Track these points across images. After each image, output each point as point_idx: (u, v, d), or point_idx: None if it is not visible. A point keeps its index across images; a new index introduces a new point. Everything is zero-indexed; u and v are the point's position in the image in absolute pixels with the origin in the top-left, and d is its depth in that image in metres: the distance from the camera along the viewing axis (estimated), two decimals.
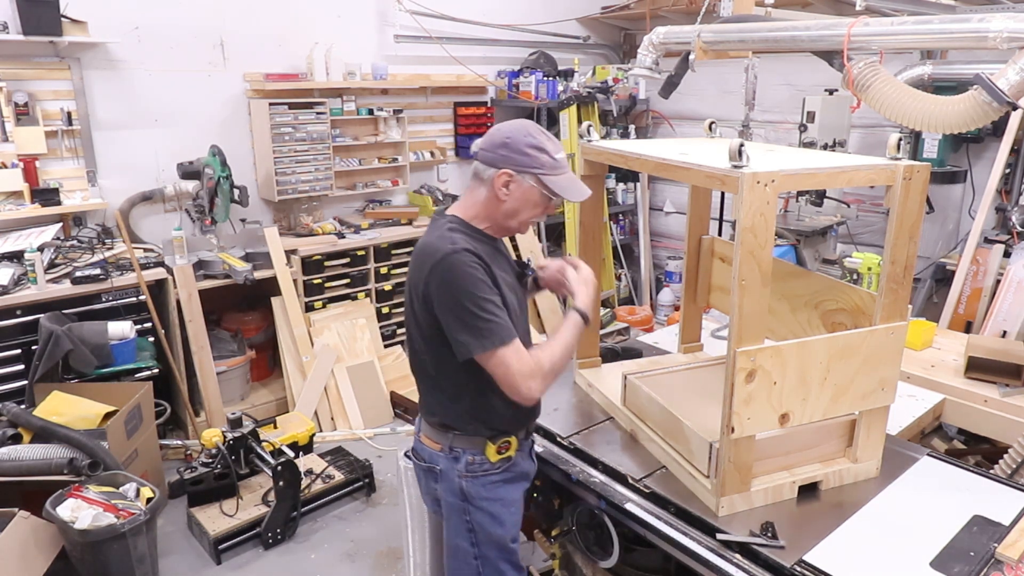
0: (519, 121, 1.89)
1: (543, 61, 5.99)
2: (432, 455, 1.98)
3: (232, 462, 3.40)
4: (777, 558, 1.61)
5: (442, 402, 1.94)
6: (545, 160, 1.81)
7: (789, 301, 2.22)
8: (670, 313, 6.14)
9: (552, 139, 1.86)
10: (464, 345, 1.74)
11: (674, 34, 3.24)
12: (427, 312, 1.81)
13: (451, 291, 1.73)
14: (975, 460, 2.58)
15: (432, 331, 1.83)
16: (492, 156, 1.82)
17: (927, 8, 3.74)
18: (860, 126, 5.04)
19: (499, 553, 1.98)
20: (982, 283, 3.93)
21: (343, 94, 4.92)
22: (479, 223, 1.87)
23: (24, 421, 3.07)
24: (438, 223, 1.88)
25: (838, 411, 1.83)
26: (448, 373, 1.87)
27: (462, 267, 1.73)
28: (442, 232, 1.82)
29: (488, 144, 1.84)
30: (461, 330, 1.74)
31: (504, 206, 1.84)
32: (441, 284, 1.74)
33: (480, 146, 1.85)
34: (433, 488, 2.01)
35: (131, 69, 4.21)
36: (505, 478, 1.96)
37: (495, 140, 1.83)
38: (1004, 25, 2.14)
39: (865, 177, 1.73)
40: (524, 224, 1.90)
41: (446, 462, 1.95)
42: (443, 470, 1.95)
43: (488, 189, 1.84)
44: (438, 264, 1.74)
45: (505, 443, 1.93)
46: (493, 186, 1.82)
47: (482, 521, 1.95)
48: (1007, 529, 1.69)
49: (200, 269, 4.16)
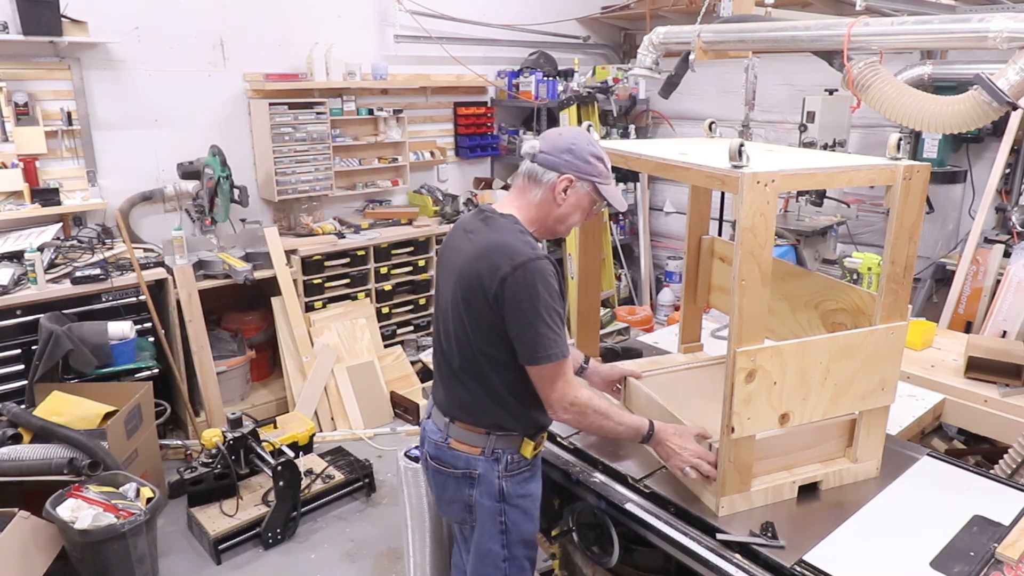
0: (578, 129, 1.95)
1: (543, 61, 5.99)
2: (469, 460, 1.92)
3: (232, 462, 3.40)
4: (777, 558, 1.61)
5: (489, 404, 1.90)
6: (602, 169, 1.87)
7: (789, 301, 2.22)
8: (670, 313, 6.14)
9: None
10: (531, 352, 1.77)
11: (674, 34, 3.24)
12: (492, 311, 1.78)
13: (532, 297, 1.74)
14: (975, 460, 2.58)
15: (495, 331, 1.81)
16: (556, 160, 1.83)
17: (927, 8, 3.74)
18: (860, 126, 5.04)
19: (526, 551, 2.00)
20: (982, 283, 3.93)
21: (343, 94, 4.92)
22: (530, 225, 1.88)
23: (24, 421, 3.07)
24: (499, 222, 1.85)
25: (838, 411, 1.83)
26: (503, 374, 1.86)
27: (545, 275, 1.75)
28: (515, 234, 1.82)
29: (551, 148, 1.84)
30: (532, 337, 1.76)
31: (559, 210, 1.86)
32: (523, 287, 1.74)
33: (540, 149, 1.86)
34: (467, 494, 1.94)
35: (131, 69, 4.22)
36: (534, 473, 2.00)
37: (559, 145, 1.84)
38: (1004, 25, 2.14)
39: (865, 177, 1.73)
40: (569, 229, 1.95)
41: (486, 465, 1.92)
42: (482, 473, 1.92)
43: (545, 192, 1.85)
44: (522, 267, 1.74)
45: (541, 439, 1.97)
46: (553, 189, 1.84)
47: (516, 520, 1.95)
48: (1007, 529, 1.70)
49: (200, 269, 4.16)
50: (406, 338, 5.13)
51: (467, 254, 1.84)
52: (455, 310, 1.87)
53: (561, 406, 1.82)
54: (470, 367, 1.88)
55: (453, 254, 1.92)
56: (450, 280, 1.89)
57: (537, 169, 1.85)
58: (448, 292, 1.90)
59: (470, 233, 1.88)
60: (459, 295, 1.84)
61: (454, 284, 1.86)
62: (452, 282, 1.88)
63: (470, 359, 1.87)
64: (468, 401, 1.92)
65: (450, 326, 1.90)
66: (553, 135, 1.88)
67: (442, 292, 1.97)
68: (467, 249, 1.85)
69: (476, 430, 1.92)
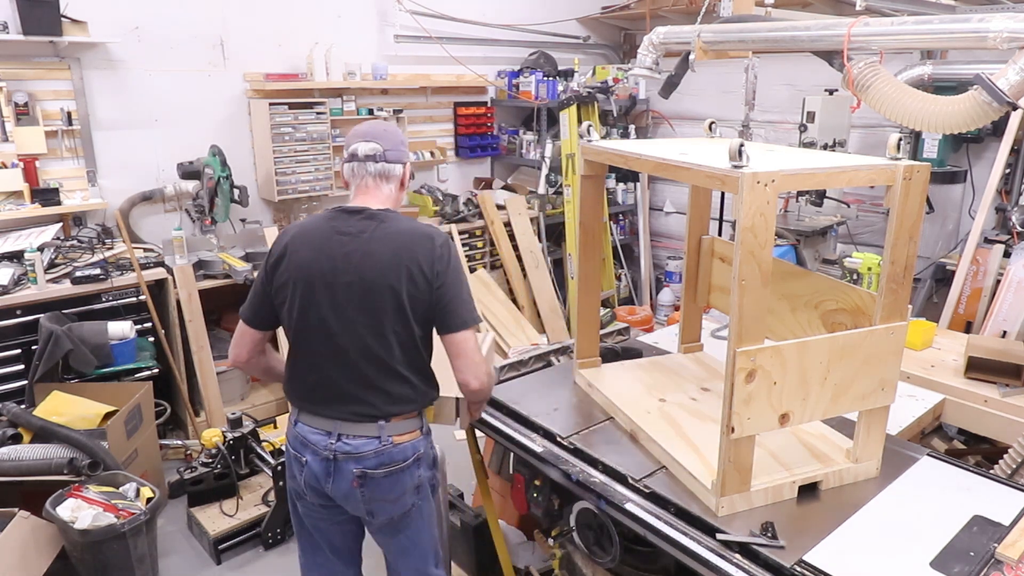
0: (379, 120, 2.15)
1: (543, 61, 5.99)
2: (414, 445, 2.03)
3: (232, 462, 3.41)
4: (777, 558, 1.61)
5: (424, 384, 2.04)
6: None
7: (789, 301, 2.22)
8: (670, 313, 6.14)
9: None
10: (461, 318, 1.94)
11: (674, 34, 3.24)
12: (431, 292, 1.92)
13: (457, 268, 1.97)
14: (975, 460, 2.58)
15: (429, 312, 1.95)
16: (399, 153, 2.04)
17: (927, 8, 3.74)
18: (860, 126, 5.04)
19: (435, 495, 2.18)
20: (982, 283, 3.93)
21: (343, 94, 4.92)
22: None
23: (24, 421, 3.07)
24: (391, 215, 1.99)
25: (838, 411, 1.83)
26: (428, 351, 2.04)
27: (457, 249, 2.00)
28: (413, 222, 2.01)
29: (392, 144, 2.03)
30: (461, 304, 1.95)
31: (402, 194, 2.10)
32: (452, 260, 1.95)
33: (385, 147, 2.01)
34: (418, 475, 2.04)
35: (131, 69, 4.22)
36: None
37: (396, 138, 2.05)
38: (1004, 25, 2.14)
39: (865, 177, 1.73)
40: None
41: (424, 441, 2.07)
42: (423, 450, 2.06)
43: (395, 183, 2.05)
44: (444, 244, 1.95)
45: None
46: (402, 179, 2.07)
47: (434, 473, 2.15)
48: (1007, 529, 1.69)
49: (200, 269, 4.16)
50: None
51: (380, 252, 1.90)
52: (386, 310, 1.90)
53: (484, 368, 1.99)
54: (411, 357, 1.98)
55: (338, 261, 1.91)
56: (352, 286, 1.90)
57: (387, 167, 2.02)
58: (357, 297, 1.90)
59: (360, 234, 1.93)
60: (393, 291, 1.89)
61: (370, 286, 1.89)
62: (363, 286, 1.89)
63: (411, 349, 1.97)
64: (408, 391, 1.99)
65: (382, 328, 1.92)
66: (380, 131, 2.06)
67: (338, 303, 1.92)
68: (373, 248, 1.90)
69: (410, 415, 2.02)
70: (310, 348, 1.98)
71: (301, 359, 2.01)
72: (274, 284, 2.00)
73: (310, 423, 2.00)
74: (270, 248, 2.06)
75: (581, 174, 2.30)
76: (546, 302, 5.61)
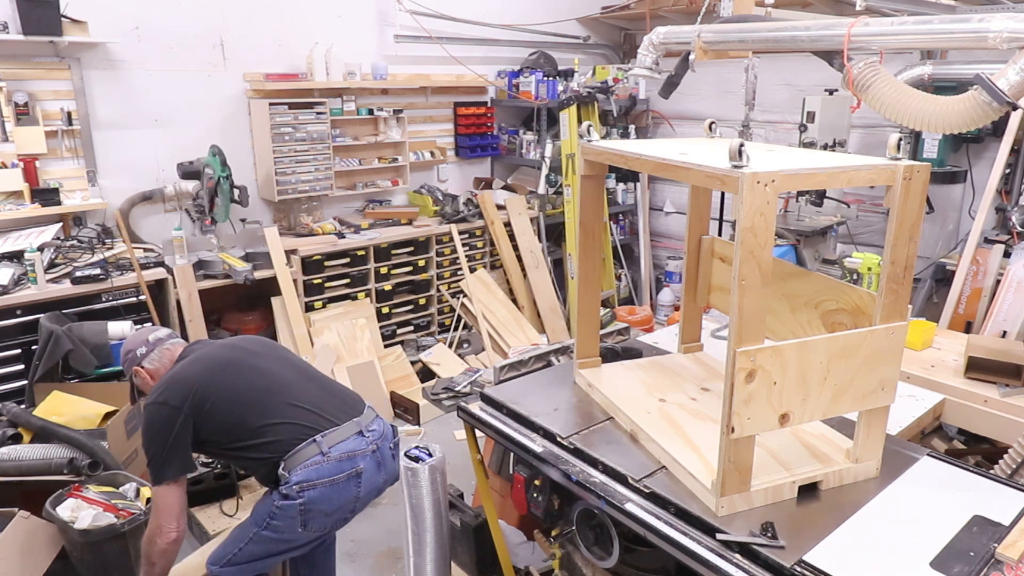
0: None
1: (543, 61, 5.99)
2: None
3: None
4: (777, 558, 1.61)
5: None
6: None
7: (789, 301, 2.22)
8: (670, 313, 6.14)
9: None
10: None
11: (674, 34, 3.24)
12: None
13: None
14: (975, 460, 2.58)
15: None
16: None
17: (927, 8, 3.74)
18: (860, 126, 5.04)
19: None
20: (982, 283, 3.93)
21: (343, 94, 4.92)
22: None
23: (24, 421, 3.07)
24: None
25: (838, 411, 1.83)
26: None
27: None
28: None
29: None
30: None
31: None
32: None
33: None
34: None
35: (131, 69, 4.22)
36: None
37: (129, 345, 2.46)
38: (1004, 25, 2.14)
39: (865, 177, 1.73)
40: None
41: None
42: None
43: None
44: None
45: None
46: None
47: None
48: (1007, 529, 1.69)
49: (200, 269, 4.16)
50: (406, 338, 5.13)
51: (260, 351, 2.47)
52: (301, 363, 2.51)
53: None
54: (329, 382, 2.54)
55: (250, 356, 2.40)
56: (271, 356, 2.45)
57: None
58: (283, 359, 2.47)
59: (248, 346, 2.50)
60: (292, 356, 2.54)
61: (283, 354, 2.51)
62: (277, 355, 2.48)
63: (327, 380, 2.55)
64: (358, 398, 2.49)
65: (310, 372, 2.48)
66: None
67: (274, 367, 2.40)
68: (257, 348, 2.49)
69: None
70: (272, 401, 2.27)
71: (273, 412, 2.26)
72: (200, 412, 2.23)
73: (340, 437, 2.25)
74: (170, 403, 2.22)
75: (581, 174, 2.29)
76: (546, 302, 5.61)
